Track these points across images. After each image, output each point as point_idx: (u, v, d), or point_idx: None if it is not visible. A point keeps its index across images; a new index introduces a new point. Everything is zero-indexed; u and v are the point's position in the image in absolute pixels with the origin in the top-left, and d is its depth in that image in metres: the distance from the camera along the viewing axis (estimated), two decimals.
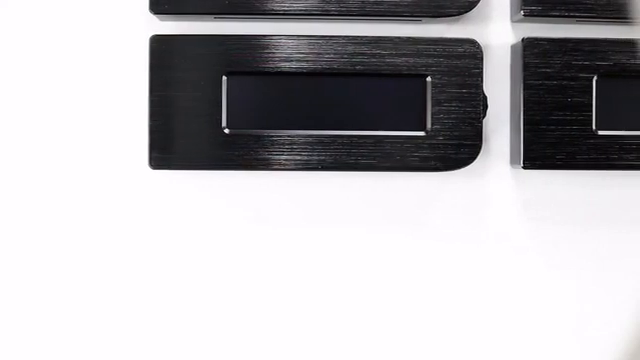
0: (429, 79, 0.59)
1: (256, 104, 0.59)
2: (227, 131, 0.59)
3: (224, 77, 0.59)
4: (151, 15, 0.59)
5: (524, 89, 0.59)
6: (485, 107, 0.60)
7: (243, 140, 0.59)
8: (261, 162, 0.59)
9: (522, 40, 0.60)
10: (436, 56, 0.59)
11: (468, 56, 0.59)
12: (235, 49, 0.59)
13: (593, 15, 0.59)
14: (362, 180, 0.61)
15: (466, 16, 0.60)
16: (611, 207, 0.62)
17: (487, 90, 0.61)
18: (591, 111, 0.59)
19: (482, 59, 0.59)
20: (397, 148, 0.59)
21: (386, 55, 0.59)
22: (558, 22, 0.61)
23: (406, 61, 0.59)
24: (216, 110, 0.59)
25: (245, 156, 0.59)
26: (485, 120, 0.61)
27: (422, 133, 0.59)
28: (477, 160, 0.60)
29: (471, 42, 0.59)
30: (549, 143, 0.59)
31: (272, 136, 0.59)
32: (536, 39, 0.59)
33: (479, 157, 0.60)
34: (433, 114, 0.59)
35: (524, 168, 0.59)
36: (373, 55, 0.59)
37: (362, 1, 0.59)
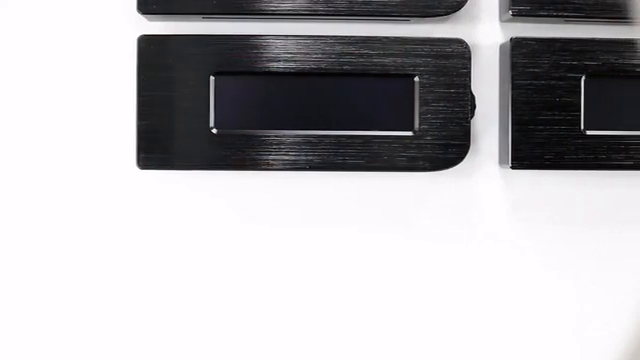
0: (417, 79, 0.59)
1: (244, 104, 0.59)
2: (215, 131, 0.59)
3: (212, 77, 0.59)
4: (139, 15, 0.59)
5: (512, 89, 0.59)
6: (473, 107, 0.60)
7: (231, 140, 0.59)
8: (249, 162, 0.59)
9: (510, 40, 0.60)
10: (424, 56, 0.59)
11: (456, 56, 0.59)
12: (223, 49, 0.59)
13: (581, 15, 0.59)
14: (350, 180, 0.62)
15: (455, 15, 0.60)
16: (599, 207, 0.62)
17: (476, 90, 0.61)
18: (579, 111, 0.60)
19: (470, 59, 0.59)
20: (385, 148, 0.59)
21: (374, 55, 0.59)
22: (547, 22, 0.61)
23: (394, 61, 0.59)
24: (204, 110, 0.59)
25: (233, 156, 0.59)
26: (474, 120, 0.61)
27: (410, 133, 0.59)
28: (466, 160, 0.60)
29: (459, 42, 0.59)
30: (537, 143, 0.59)
31: (260, 136, 0.59)
32: (524, 39, 0.59)
33: (468, 157, 0.60)
34: (421, 114, 0.59)
35: (512, 168, 0.59)
36: (361, 55, 0.59)
37: (350, 1, 0.59)
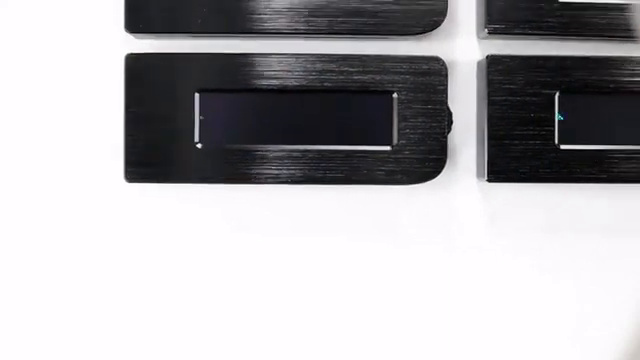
0: (395, 95, 0.61)
1: (227, 120, 0.61)
2: (199, 146, 0.61)
3: (196, 94, 0.61)
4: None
5: (489, 105, 0.61)
6: (450, 122, 0.61)
7: (215, 155, 0.61)
8: (233, 176, 0.61)
9: (486, 57, 0.61)
10: (402, 73, 0.61)
11: (433, 73, 0.61)
12: (207, 67, 0.60)
13: (554, 33, 0.61)
14: (334, 192, 0.63)
15: (434, 33, 0.62)
16: (574, 217, 0.64)
17: (454, 105, 0.62)
18: (553, 126, 0.61)
19: (446, 76, 0.61)
20: (364, 162, 0.61)
21: (353, 72, 0.61)
22: (523, 39, 0.62)
23: (373, 78, 0.61)
24: (189, 126, 0.61)
25: (217, 170, 0.61)
26: (452, 134, 0.63)
27: (388, 148, 0.61)
28: (444, 173, 0.62)
29: (436, 60, 0.61)
30: (513, 157, 0.61)
31: (243, 151, 0.60)
32: (500, 56, 0.61)
33: (446, 170, 0.62)
34: (399, 129, 0.61)
35: (488, 181, 0.61)
36: (341, 72, 0.61)
37: (330, 20, 0.60)
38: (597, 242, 0.64)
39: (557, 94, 0.61)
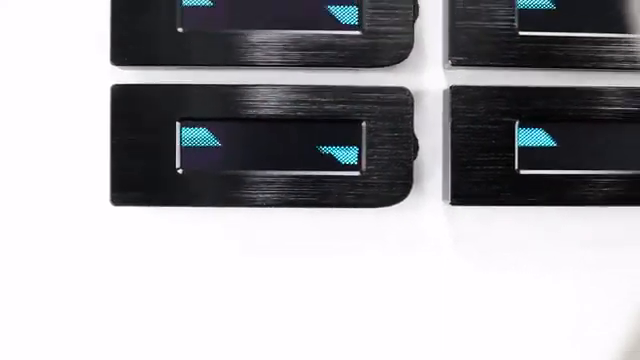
0: (364, 124, 0.64)
1: (206, 147, 0.65)
2: (180, 171, 0.64)
3: (177, 123, 0.64)
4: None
5: (452, 132, 0.64)
6: (416, 149, 0.65)
7: (195, 180, 0.64)
8: (211, 200, 0.64)
9: (450, 88, 0.65)
10: (370, 103, 0.64)
11: (400, 103, 0.64)
12: (188, 97, 0.64)
13: (514, 65, 0.65)
14: (305, 216, 0.67)
15: (403, 64, 0.65)
16: (534, 239, 0.67)
17: (422, 132, 0.66)
18: (513, 152, 0.65)
19: (412, 105, 0.64)
20: (335, 187, 0.64)
21: (325, 102, 0.64)
22: (486, 69, 0.66)
23: (343, 108, 0.64)
24: (171, 152, 0.64)
25: (197, 194, 0.64)
26: (421, 159, 0.66)
27: (357, 173, 0.65)
28: (413, 196, 0.65)
29: (402, 90, 0.64)
30: (475, 182, 0.64)
31: (220, 176, 0.64)
32: (463, 87, 0.65)
33: (413, 194, 0.65)
34: (368, 156, 0.64)
35: (452, 204, 0.65)
36: (313, 102, 0.64)
37: (303, 53, 0.64)
38: (558, 262, 0.67)
39: (517, 122, 0.65)
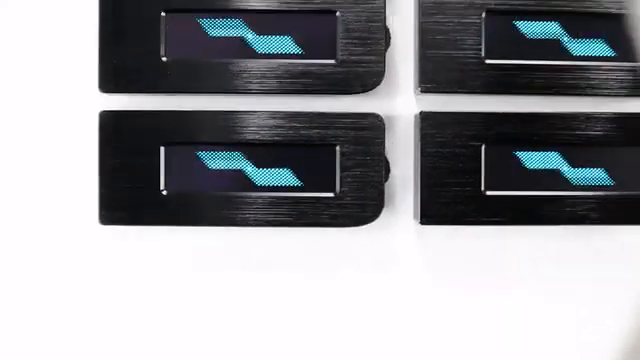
0: (338, 148, 0.68)
1: (189, 170, 0.68)
2: (165, 192, 0.68)
3: (162, 147, 0.68)
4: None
5: (422, 156, 0.68)
6: (387, 171, 0.68)
7: (178, 200, 0.68)
8: (193, 219, 0.68)
9: (420, 113, 0.68)
10: (344, 128, 0.68)
11: (372, 128, 0.68)
12: (171, 123, 0.68)
13: (482, 91, 0.68)
14: (281, 235, 0.70)
15: (375, 90, 0.68)
16: (501, 258, 0.70)
17: (395, 155, 0.69)
18: (480, 174, 0.68)
19: (384, 130, 0.68)
20: (310, 207, 0.68)
21: (301, 128, 0.68)
22: (455, 95, 0.69)
23: (318, 133, 0.68)
24: (155, 175, 0.68)
25: (180, 214, 0.68)
26: (393, 181, 0.69)
27: (332, 194, 0.68)
28: (385, 216, 0.69)
29: (375, 116, 0.68)
30: (443, 202, 0.68)
31: (202, 197, 0.68)
32: (431, 112, 0.68)
33: (387, 213, 0.69)
34: (342, 178, 0.68)
35: (421, 224, 0.68)
36: (290, 128, 0.68)
37: (280, 81, 0.68)
38: (529, 279, 0.70)
39: (483, 146, 0.68)
